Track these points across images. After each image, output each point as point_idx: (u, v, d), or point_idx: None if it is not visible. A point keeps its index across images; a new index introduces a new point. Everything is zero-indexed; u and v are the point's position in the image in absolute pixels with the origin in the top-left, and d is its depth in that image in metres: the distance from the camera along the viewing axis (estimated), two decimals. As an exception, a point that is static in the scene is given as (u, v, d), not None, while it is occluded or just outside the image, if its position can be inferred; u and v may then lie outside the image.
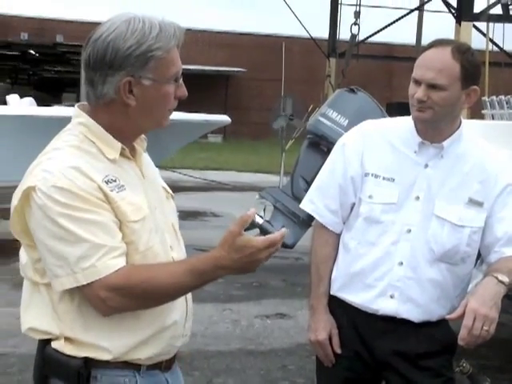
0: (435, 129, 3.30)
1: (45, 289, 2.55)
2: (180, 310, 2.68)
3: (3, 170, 9.36)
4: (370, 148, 3.40)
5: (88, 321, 2.51)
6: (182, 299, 2.67)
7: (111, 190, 2.47)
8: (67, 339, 2.53)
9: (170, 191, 2.85)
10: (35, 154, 2.57)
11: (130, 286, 2.44)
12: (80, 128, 2.56)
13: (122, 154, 2.57)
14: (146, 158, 2.77)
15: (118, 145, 2.55)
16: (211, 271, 2.47)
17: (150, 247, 2.55)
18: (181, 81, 2.59)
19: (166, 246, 2.64)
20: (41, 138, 2.64)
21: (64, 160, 2.45)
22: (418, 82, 3.21)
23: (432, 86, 3.18)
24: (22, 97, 13.01)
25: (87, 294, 2.44)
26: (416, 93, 3.21)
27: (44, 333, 2.58)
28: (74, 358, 2.52)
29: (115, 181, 2.50)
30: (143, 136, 2.72)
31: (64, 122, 2.68)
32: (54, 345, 2.56)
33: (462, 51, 3.18)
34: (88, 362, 2.52)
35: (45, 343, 2.59)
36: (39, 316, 2.59)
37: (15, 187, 2.49)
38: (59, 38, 40.41)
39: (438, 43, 3.24)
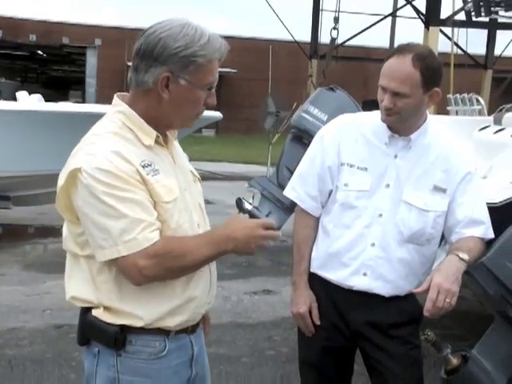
0: (403, 125, 3.33)
1: (85, 261, 2.61)
2: (205, 281, 2.75)
3: (13, 161, 9.32)
4: (346, 140, 3.42)
5: (123, 292, 2.57)
6: (206, 271, 2.74)
7: (147, 174, 2.52)
8: (105, 308, 2.60)
9: (198, 175, 2.90)
10: (42, 146, 2.60)
11: (166, 255, 2.50)
12: (119, 116, 2.60)
13: (156, 141, 2.62)
14: (176, 145, 2.82)
15: (153, 132, 2.60)
16: (225, 242, 2.56)
17: (180, 225, 2.61)
18: (213, 90, 2.64)
19: (193, 224, 2.69)
20: (47, 132, 2.67)
21: (105, 144, 2.50)
22: (384, 89, 3.23)
23: (397, 94, 3.19)
24: (30, 94, 12.95)
25: (125, 264, 2.49)
26: (383, 100, 3.23)
27: (84, 301, 2.64)
28: (112, 325, 2.58)
29: (150, 165, 2.55)
30: None
31: (69, 116, 2.71)
32: (94, 312, 2.62)
33: (421, 58, 3.16)
34: (124, 329, 2.58)
35: (86, 311, 2.64)
36: (80, 286, 2.64)
37: (24, 176, 2.52)
38: (65, 40, 40.12)
39: (399, 51, 3.21)
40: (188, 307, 2.67)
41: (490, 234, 3.36)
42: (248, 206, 2.71)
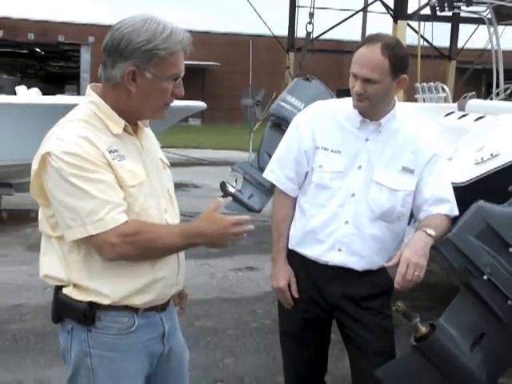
0: (373, 111, 3.31)
1: (56, 241, 2.58)
2: (171, 265, 2.70)
3: (14, 151, 9.29)
4: (320, 125, 3.40)
5: (92, 271, 2.54)
6: (174, 256, 2.69)
7: (113, 159, 2.49)
8: (75, 286, 2.57)
9: (167, 162, 2.85)
10: (41, 136, 2.57)
11: (139, 235, 2.47)
12: (90, 106, 2.57)
13: (124, 130, 2.58)
14: (147, 133, 2.77)
15: (122, 122, 2.57)
16: (194, 236, 2.52)
17: (145, 209, 2.57)
18: (180, 81, 2.58)
19: (160, 209, 2.65)
20: (45, 123, 2.64)
21: (75, 130, 2.47)
22: (355, 76, 3.22)
23: (367, 80, 3.17)
24: (29, 88, 12.88)
25: (97, 242, 2.46)
26: (354, 87, 3.22)
27: (56, 279, 2.61)
28: (81, 302, 2.55)
29: (117, 151, 2.51)
30: None
31: (65, 108, 2.68)
32: (64, 291, 2.59)
33: (390, 47, 3.15)
34: (92, 306, 2.55)
35: (58, 289, 2.62)
36: (52, 264, 2.61)
37: (25, 164, 2.50)
38: (61, 38, 39.98)
39: (369, 41, 3.21)
40: (155, 287, 2.63)
41: (455, 212, 3.36)
42: (231, 189, 2.68)
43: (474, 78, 26.01)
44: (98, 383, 2.62)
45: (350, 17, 26.19)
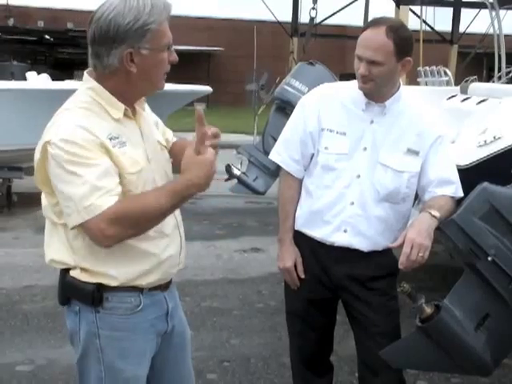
0: (378, 92, 3.26)
1: (62, 228, 2.54)
2: (175, 244, 2.68)
3: (24, 135, 9.29)
4: (325, 107, 3.36)
5: (98, 255, 2.50)
6: (177, 235, 2.67)
7: (113, 146, 2.43)
8: (82, 269, 2.53)
9: (164, 143, 2.80)
10: (49, 121, 2.53)
11: (125, 213, 2.39)
12: (89, 92, 2.51)
13: (124, 114, 2.53)
14: (145, 116, 2.72)
15: (122, 106, 2.52)
16: (185, 189, 2.43)
17: None
18: (172, 48, 2.54)
19: None
20: (55, 108, 2.59)
21: (73, 119, 2.41)
22: (360, 58, 3.17)
23: (372, 62, 3.13)
24: (39, 74, 12.86)
25: (89, 229, 2.39)
26: (359, 68, 3.17)
27: (62, 263, 2.58)
28: (88, 283, 2.53)
29: (118, 138, 2.46)
30: (143, 98, 2.68)
31: (73, 93, 2.64)
32: (71, 273, 2.56)
33: (394, 30, 3.11)
34: (100, 287, 2.53)
35: (64, 272, 2.59)
36: (58, 250, 2.57)
37: (34, 149, 2.46)
38: (70, 25, 40.12)
39: (373, 24, 3.17)
40: (160, 268, 2.61)
41: (460, 193, 3.33)
42: (237, 172, 2.62)
43: (476, 61, 25.92)
44: (107, 362, 2.60)
45: (352, 2, 26.11)
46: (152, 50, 2.45)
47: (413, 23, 20.02)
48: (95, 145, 2.38)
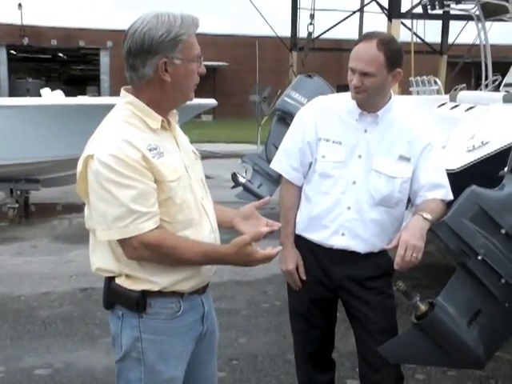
0: (371, 103, 3.27)
1: None
2: None
3: (40, 149, 9.32)
4: (322, 118, 3.37)
5: (140, 263, 2.51)
6: (212, 240, 2.67)
7: (153, 157, 2.44)
8: (127, 276, 2.54)
9: (198, 153, 2.82)
10: (64, 135, 2.53)
11: (159, 247, 2.44)
12: (127, 106, 2.53)
13: (161, 126, 2.55)
14: (178, 129, 2.74)
15: (159, 117, 2.53)
16: (216, 261, 2.55)
17: (184, 200, 2.53)
18: (201, 60, 2.57)
19: (196, 198, 2.62)
20: (68, 122, 2.60)
21: (116, 132, 2.43)
22: (353, 70, 3.18)
23: (364, 74, 3.14)
24: (53, 90, 12.87)
25: (122, 243, 2.44)
26: (352, 80, 3.19)
27: (108, 271, 2.58)
28: (134, 291, 2.53)
29: (156, 148, 2.47)
30: (175, 111, 2.69)
31: (86, 108, 2.65)
32: (117, 281, 2.57)
33: (384, 43, 3.13)
34: (145, 293, 2.54)
35: (109, 279, 2.60)
36: (103, 258, 2.58)
37: (50, 162, 2.46)
38: (81, 43, 40.21)
39: (365, 37, 3.18)
40: (199, 274, 2.63)
41: (450, 196, 3.33)
42: (242, 180, 2.64)
43: (464, 71, 25.85)
44: (147, 365, 2.60)
45: (347, 17, 26.05)
46: (184, 60, 2.48)
47: (404, 36, 20.03)
48: (138, 159, 2.40)
